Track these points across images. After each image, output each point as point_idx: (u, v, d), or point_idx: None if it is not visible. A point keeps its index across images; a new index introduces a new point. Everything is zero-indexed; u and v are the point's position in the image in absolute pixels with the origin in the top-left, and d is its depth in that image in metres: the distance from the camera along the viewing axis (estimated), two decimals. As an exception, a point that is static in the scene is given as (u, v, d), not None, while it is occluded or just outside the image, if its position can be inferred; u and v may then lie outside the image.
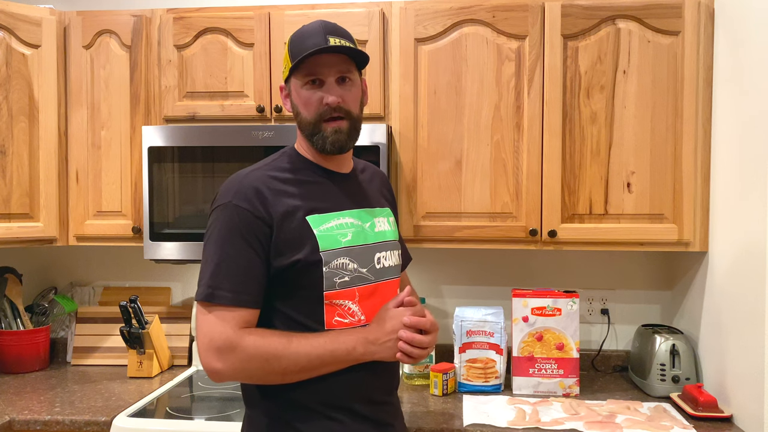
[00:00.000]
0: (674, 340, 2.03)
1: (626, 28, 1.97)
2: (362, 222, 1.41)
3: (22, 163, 2.12)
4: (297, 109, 1.38)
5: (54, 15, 2.18)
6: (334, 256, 1.33)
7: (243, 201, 1.30)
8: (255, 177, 1.34)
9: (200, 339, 1.29)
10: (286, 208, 1.31)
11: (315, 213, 1.34)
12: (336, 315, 1.34)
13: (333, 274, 1.33)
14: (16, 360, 2.29)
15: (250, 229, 1.29)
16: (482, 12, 2.01)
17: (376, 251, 1.42)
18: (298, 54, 1.32)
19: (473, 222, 2.04)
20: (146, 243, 2.08)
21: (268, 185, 1.33)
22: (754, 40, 1.73)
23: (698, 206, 1.98)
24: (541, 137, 2.00)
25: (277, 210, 1.30)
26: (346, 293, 1.35)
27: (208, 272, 1.29)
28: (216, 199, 1.34)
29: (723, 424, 1.78)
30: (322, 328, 1.32)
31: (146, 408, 1.92)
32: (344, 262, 1.35)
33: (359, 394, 1.36)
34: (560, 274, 2.37)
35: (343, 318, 1.34)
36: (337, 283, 1.33)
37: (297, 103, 1.38)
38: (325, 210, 1.36)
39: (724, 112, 1.90)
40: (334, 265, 1.33)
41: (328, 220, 1.35)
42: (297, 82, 1.36)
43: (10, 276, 2.37)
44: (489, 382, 2.07)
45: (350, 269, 1.35)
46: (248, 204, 1.29)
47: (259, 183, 1.32)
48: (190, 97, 2.13)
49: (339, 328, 1.33)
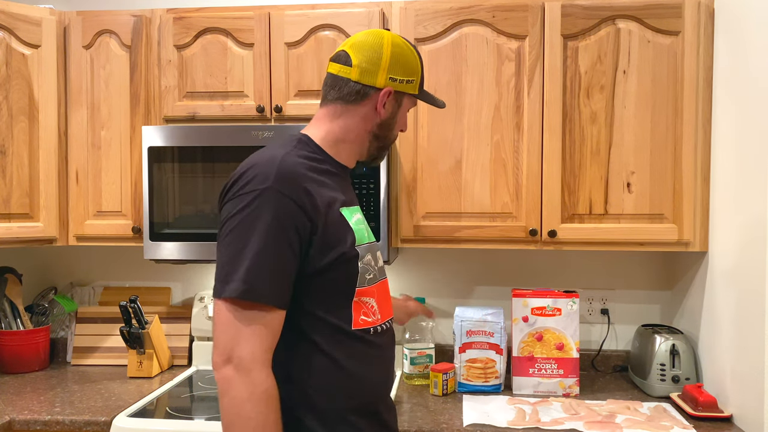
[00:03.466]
0: (674, 340, 2.03)
1: (626, 28, 1.97)
2: (363, 218, 1.40)
3: (22, 163, 2.12)
4: (394, 123, 1.39)
5: (54, 15, 2.18)
6: (365, 251, 1.31)
7: (286, 188, 1.18)
8: (293, 162, 1.23)
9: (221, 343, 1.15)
10: (328, 199, 1.24)
11: (345, 206, 1.30)
12: (361, 314, 1.29)
13: (365, 270, 1.30)
14: (16, 360, 2.29)
15: (293, 221, 1.18)
16: (482, 12, 2.01)
17: (377, 249, 1.41)
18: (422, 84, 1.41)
19: (473, 222, 2.04)
20: (146, 243, 2.08)
21: (305, 173, 1.23)
22: (754, 40, 1.73)
23: (698, 206, 1.98)
24: (541, 137, 2.00)
25: (321, 201, 1.22)
26: (371, 290, 1.32)
27: (242, 265, 1.14)
28: (250, 181, 1.19)
29: (723, 424, 1.78)
30: (349, 327, 1.27)
31: (146, 408, 1.92)
32: (371, 258, 1.33)
33: (381, 399, 1.35)
34: (560, 274, 2.37)
35: (367, 317, 1.31)
36: (367, 279, 1.31)
37: (399, 120, 1.40)
38: (350, 203, 1.34)
39: (724, 112, 1.90)
40: (365, 261, 1.31)
41: (354, 214, 1.33)
42: (409, 104, 1.41)
43: (10, 276, 2.37)
44: (489, 382, 2.07)
45: (374, 266, 1.34)
46: (292, 192, 1.18)
47: (300, 169, 1.23)
48: (190, 97, 2.13)
49: (364, 327, 1.29)
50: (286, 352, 1.24)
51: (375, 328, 1.32)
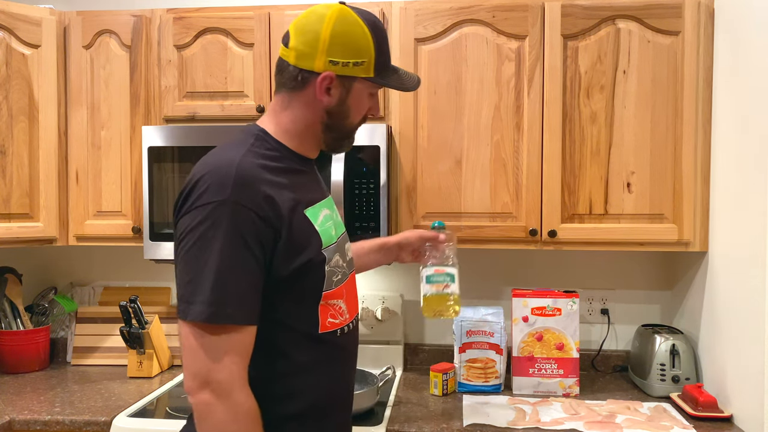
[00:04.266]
0: (674, 340, 2.03)
1: (626, 28, 1.97)
2: (332, 211, 1.31)
3: (22, 163, 2.12)
4: (349, 112, 1.25)
5: (54, 15, 2.18)
6: (331, 252, 1.23)
7: (245, 198, 1.10)
8: (250, 166, 1.14)
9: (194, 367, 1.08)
10: (290, 203, 1.16)
11: (309, 206, 1.22)
12: (329, 317, 1.24)
13: (332, 273, 1.23)
14: (16, 360, 2.29)
15: (255, 233, 1.10)
16: (482, 12, 2.01)
17: (346, 242, 1.34)
18: (387, 66, 1.26)
19: (473, 222, 2.04)
20: (146, 243, 2.08)
21: (264, 177, 1.15)
22: (754, 40, 1.73)
23: (698, 206, 1.98)
24: (541, 137, 2.00)
25: (284, 206, 1.14)
26: (338, 292, 1.25)
27: (205, 285, 1.08)
28: (205, 191, 1.10)
29: (723, 424, 1.78)
30: (317, 330, 1.22)
31: (146, 408, 1.92)
32: (338, 259, 1.25)
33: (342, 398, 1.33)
34: (560, 274, 2.37)
35: (334, 318, 1.25)
36: (334, 282, 1.24)
37: (354, 107, 1.25)
38: (314, 201, 1.24)
39: (724, 112, 1.90)
40: (333, 263, 1.23)
41: (319, 213, 1.24)
42: (365, 88, 1.25)
43: (10, 276, 2.37)
44: (489, 382, 2.07)
45: (341, 265, 1.27)
46: (252, 202, 1.10)
47: (258, 173, 1.14)
48: (190, 97, 2.13)
49: (331, 330, 1.24)
50: (253, 360, 1.16)
51: (342, 329, 1.28)
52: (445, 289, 1.68)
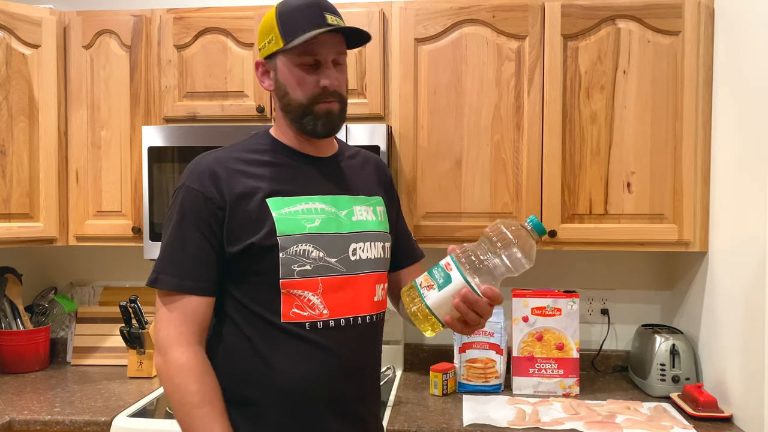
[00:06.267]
0: (674, 340, 2.03)
1: (626, 28, 1.97)
2: (337, 209, 1.31)
3: (22, 163, 2.12)
4: (285, 89, 1.28)
5: (54, 15, 2.18)
6: (294, 241, 1.24)
7: (195, 182, 1.26)
8: (214, 158, 1.29)
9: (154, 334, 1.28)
10: (243, 189, 1.25)
11: (277, 195, 1.26)
12: (294, 307, 1.25)
13: (292, 261, 1.24)
14: (16, 360, 2.29)
15: (200, 211, 1.24)
16: (482, 12, 2.01)
17: (352, 241, 1.31)
18: (295, 31, 1.23)
19: (473, 222, 2.04)
20: (146, 243, 2.08)
21: (226, 165, 1.27)
22: (754, 40, 1.73)
23: (698, 206, 1.98)
24: (541, 137, 2.00)
25: (232, 191, 1.25)
26: (306, 283, 1.25)
27: (159, 257, 1.27)
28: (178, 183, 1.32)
29: (723, 424, 1.78)
30: (278, 319, 1.24)
31: (146, 408, 1.92)
32: (306, 249, 1.25)
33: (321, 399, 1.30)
34: (560, 274, 2.37)
35: (301, 311, 1.25)
36: (295, 271, 1.24)
37: (286, 83, 1.28)
38: (290, 193, 1.28)
39: (724, 112, 1.90)
40: (293, 252, 1.24)
41: (292, 204, 1.27)
42: (288, 60, 1.27)
43: (10, 276, 2.37)
44: (489, 382, 2.07)
45: (314, 257, 1.26)
46: (199, 185, 1.25)
47: (216, 163, 1.28)
48: (190, 97, 2.13)
49: (296, 321, 1.25)
50: (215, 336, 1.30)
51: (315, 324, 1.25)
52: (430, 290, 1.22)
